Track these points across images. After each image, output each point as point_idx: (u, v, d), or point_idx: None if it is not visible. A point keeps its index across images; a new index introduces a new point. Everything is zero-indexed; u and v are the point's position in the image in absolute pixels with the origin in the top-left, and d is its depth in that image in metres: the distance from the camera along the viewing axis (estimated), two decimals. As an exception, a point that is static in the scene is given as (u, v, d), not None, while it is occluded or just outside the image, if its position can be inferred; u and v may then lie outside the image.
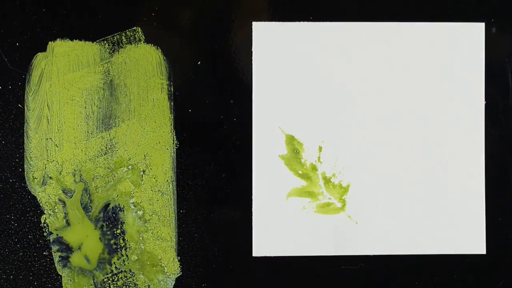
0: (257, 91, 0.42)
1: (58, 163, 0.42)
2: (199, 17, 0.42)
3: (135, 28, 0.42)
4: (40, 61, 0.42)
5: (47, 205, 0.42)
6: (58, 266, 0.42)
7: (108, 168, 0.42)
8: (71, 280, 0.42)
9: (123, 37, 0.42)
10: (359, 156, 0.42)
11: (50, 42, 0.41)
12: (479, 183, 0.43)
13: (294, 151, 0.42)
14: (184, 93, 0.42)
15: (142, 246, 0.42)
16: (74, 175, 0.42)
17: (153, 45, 0.42)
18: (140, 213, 0.42)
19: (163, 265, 0.42)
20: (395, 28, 0.42)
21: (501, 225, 0.43)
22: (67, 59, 0.42)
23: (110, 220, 0.42)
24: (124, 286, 0.42)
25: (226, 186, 0.42)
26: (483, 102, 0.43)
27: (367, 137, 0.42)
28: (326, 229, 0.42)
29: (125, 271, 0.42)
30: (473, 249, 0.43)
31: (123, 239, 0.42)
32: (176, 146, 0.42)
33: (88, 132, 0.42)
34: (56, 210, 0.42)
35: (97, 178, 0.42)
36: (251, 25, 0.42)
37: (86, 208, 0.42)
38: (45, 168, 0.42)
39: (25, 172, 0.42)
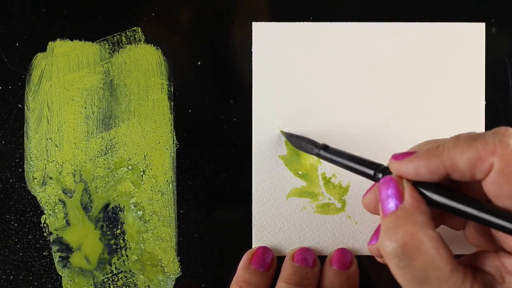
0: (257, 91, 0.42)
1: (58, 163, 0.42)
2: (199, 17, 0.42)
3: (135, 28, 0.42)
4: (40, 61, 0.41)
5: (47, 205, 0.42)
6: (58, 266, 0.42)
7: (108, 168, 0.42)
8: (71, 280, 0.42)
9: (123, 37, 0.42)
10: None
11: (50, 42, 0.41)
12: (479, 183, 0.43)
13: (294, 151, 0.42)
14: (184, 93, 0.42)
15: (142, 246, 0.42)
16: (74, 175, 0.42)
17: (153, 45, 0.42)
18: (140, 213, 0.42)
19: (163, 265, 0.42)
20: (395, 28, 0.42)
21: (501, 225, 0.43)
22: (67, 59, 0.42)
23: (110, 220, 0.42)
24: (124, 286, 0.42)
25: (226, 186, 0.42)
26: (483, 102, 0.43)
27: (367, 137, 0.42)
28: (326, 229, 0.42)
29: (125, 271, 0.42)
30: (473, 249, 0.43)
31: (123, 239, 0.42)
32: (176, 146, 0.42)
33: (88, 132, 0.42)
34: (56, 210, 0.42)
35: (97, 178, 0.42)
36: (251, 25, 0.42)
37: (86, 208, 0.42)
38: (45, 168, 0.42)
39: (25, 172, 0.42)
